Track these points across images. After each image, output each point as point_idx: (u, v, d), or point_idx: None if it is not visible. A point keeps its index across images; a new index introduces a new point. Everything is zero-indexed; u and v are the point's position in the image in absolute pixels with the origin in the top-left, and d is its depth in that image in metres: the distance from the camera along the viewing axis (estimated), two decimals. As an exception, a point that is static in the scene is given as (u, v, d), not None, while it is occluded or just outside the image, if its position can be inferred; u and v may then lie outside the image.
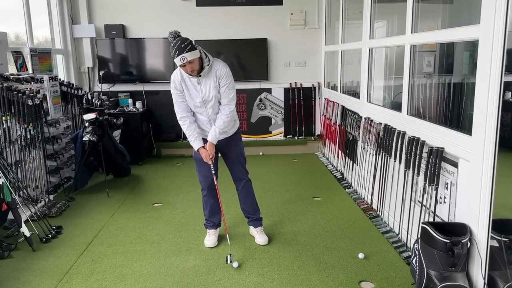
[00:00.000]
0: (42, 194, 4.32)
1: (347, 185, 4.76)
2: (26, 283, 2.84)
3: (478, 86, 2.30)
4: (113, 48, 6.14)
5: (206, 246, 3.32)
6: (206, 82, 2.99)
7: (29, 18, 4.96)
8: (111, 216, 4.00)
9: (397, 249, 3.19)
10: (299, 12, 6.22)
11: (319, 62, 6.41)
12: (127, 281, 2.85)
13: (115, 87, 6.23)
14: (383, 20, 5.09)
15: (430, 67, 4.61)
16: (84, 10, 6.04)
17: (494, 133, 2.18)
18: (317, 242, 3.37)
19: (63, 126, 5.00)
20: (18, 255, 3.23)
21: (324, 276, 2.85)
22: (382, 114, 3.89)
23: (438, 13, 4.74)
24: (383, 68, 4.91)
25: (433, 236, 2.37)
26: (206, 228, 3.45)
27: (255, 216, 3.45)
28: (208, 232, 3.41)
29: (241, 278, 2.86)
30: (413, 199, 3.13)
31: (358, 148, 4.50)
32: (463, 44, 4.17)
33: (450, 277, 2.32)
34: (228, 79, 3.02)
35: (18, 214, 3.34)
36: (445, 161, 2.71)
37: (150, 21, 6.13)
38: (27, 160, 4.13)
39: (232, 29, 6.15)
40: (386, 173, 3.66)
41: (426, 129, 3.00)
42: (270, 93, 6.48)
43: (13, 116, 3.96)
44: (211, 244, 3.32)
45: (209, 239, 3.36)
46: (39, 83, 4.61)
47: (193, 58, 2.81)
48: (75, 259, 3.16)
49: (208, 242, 3.34)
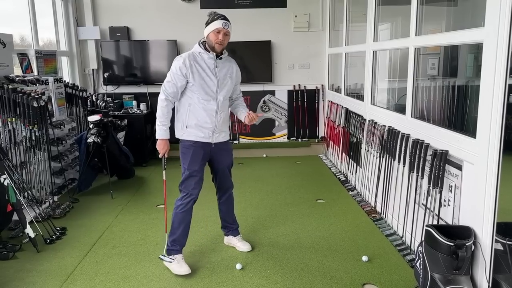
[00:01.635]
0: (47, 195, 4.34)
1: (350, 187, 4.76)
2: (30, 284, 2.85)
3: (482, 88, 2.30)
4: (117, 50, 6.17)
5: (182, 274, 2.89)
6: (223, 68, 2.95)
7: (34, 20, 5.00)
8: (115, 218, 4.01)
9: (401, 252, 3.18)
10: (303, 14, 6.22)
11: (322, 64, 6.41)
12: (131, 282, 2.86)
13: (120, 89, 6.26)
14: (387, 23, 5.09)
15: (434, 70, 4.60)
16: (89, 13, 6.08)
17: (499, 136, 2.18)
18: (320, 244, 3.37)
19: (67, 128, 5.02)
20: (23, 256, 3.25)
21: (327, 279, 2.84)
22: (386, 116, 3.89)
23: (442, 16, 4.73)
24: (387, 71, 4.90)
25: (437, 239, 2.36)
26: (173, 254, 2.97)
27: (234, 226, 3.34)
28: (177, 258, 2.96)
29: (244, 280, 2.86)
30: (417, 202, 3.12)
31: (362, 150, 4.50)
32: (467, 46, 4.16)
33: (454, 280, 2.31)
34: (240, 76, 3.16)
35: (23, 215, 3.36)
36: (449, 163, 2.71)
37: (155, 24, 6.16)
38: (32, 162, 4.15)
39: (236, 31, 6.02)
40: (390, 176, 3.65)
41: (430, 131, 2.99)
42: (273, 95, 6.48)
43: (18, 117, 3.98)
44: (188, 271, 2.90)
45: (183, 266, 2.92)
46: (44, 85, 4.64)
47: (230, 32, 2.94)
48: (79, 260, 3.17)
49: (184, 268, 2.90)
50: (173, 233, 2.98)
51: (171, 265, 2.95)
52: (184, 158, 2.96)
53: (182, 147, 2.97)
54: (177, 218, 2.97)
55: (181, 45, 6.12)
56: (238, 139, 6.54)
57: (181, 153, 2.98)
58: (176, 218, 2.98)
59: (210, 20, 2.89)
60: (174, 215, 2.99)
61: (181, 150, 2.97)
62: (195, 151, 2.94)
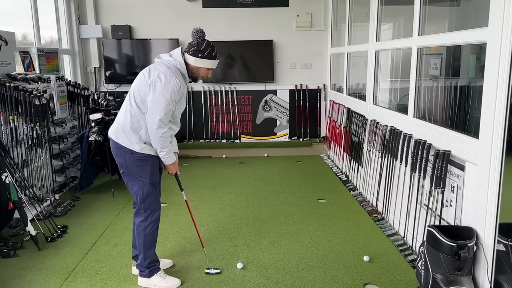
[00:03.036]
0: (48, 194, 4.34)
1: (352, 187, 4.75)
2: (31, 281, 2.85)
3: (485, 89, 2.29)
4: (119, 49, 6.18)
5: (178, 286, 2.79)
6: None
7: (36, 18, 5.00)
8: (116, 216, 4.01)
9: (402, 252, 3.17)
10: (305, 14, 6.22)
11: (324, 64, 6.40)
12: (131, 281, 2.86)
13: (121, 87, 6.25)
14: (390, 23, 5.09)
15: (436, 70, 4.60)
16: (91, 11, 6.08)
17: (502, 137, 2.17)
18: (322, 244, 3.36)
19: (69, 126, 5.03)
20: (24, 254, 3.25)
21: (328, 279, 2.84)
22: (388, 116, 3.88)
23: (445, 16, 4.72)
24: (389, 71, 4.90)
25: (439, 239, 2.36)
26: (155, 272, 2.78)
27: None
28: (161, 274, 2.80)
29: (246, 279, 2.85)
30: (419, 202, 3.12)
31: (364, 150, 4.49)
32: (470, 47, 4.16)
33: (456, 281, 2.31)
34: None
35: (24, 213, 3.36)
36: (452, 164, 2.70)
37: (157, 22, 6.16)
38: (34, 160, 4.15)
39: (238, 30, 6.16)
40: (391, 176, 3.64)
41: (432, 132, 2.99)
42: (275, 95, 6.48)
43: (20, 115, 3.98)
44: (179, 282, 2.81)
45: (171, 279, 2.81)
46: (46, 83, 4.64)
47: None
48: (80, 259, 3.17)
49: (174, 283, 2.79)
50: (148, 256, 2.74)
51: (158, 284, 2.76)
52: (142, 170, 2.63)
53: (136, 160, 2.62)
54: (149, 238, 2.73)
55: (183, 44, 6.11)
56: (240, 138, 6.54)
57: (136, 167, 2.63)
58: (147, 238, 2.72)
59: (207, 54, 2.62)
60: (144, 236, 2.70)
61: (136, 164, 2.62)
62: (154, 162, 2.68)
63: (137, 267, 2.82)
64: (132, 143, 2.60)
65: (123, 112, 2.67)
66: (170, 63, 2.60)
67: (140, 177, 2.65)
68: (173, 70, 2.58)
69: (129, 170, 2.66)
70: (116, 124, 2.68)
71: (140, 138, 2.61)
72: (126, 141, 2.61)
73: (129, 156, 2.62)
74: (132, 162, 2.63)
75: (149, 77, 2.55)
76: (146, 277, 2.78)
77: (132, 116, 2.60)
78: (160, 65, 2.59)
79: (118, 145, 2.63)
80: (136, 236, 2.76)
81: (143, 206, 2.69)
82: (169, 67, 2.58)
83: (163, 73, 2.52)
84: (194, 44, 2.63)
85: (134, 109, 2.60)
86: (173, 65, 2.60)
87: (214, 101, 6.43)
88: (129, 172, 2.66)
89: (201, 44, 2.62)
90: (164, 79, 2.50)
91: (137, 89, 2.61)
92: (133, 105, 2.61)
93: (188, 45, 2.65)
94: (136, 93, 2.61)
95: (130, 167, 2.64)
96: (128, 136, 2.60)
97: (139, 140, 2.61)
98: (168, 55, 2.66)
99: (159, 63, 2.62)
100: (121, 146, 2.62)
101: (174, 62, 2.61)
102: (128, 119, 2.61)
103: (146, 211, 2.70)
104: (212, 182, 4.95)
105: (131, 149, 2.61)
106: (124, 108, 2.67)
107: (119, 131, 2.64)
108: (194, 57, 2.62)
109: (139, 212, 2.72)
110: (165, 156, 2.65)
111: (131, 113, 2.61)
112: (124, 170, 2.68)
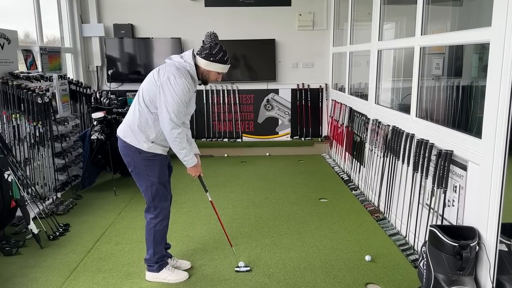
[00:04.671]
0: (50, 192, 4.35)
1: (353, 187, 4.75)
2: (33, 279, 2.86)
3: (488, 88, 2.29)
4: (121, 48, 6.18)
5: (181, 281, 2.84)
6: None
7: (39, 17, 5.01)
8: (118, 215, 4.02)
9: (404, 252, 3.17)
10: (307, 13, 6.21)
11: (327, 63, 6.40)
12: (133, 279, 2.86)
13: (124, 86, 6.26)
14: (392, 22, 5.08)
15: (438, 70, 4.59)
16: (94, 10, 6.09)
17: (505, 137, 2.17)
18: (323, 243, 3.36)
19: (71, 125, 5.04)
20: (26, 252, 3.26)
21: (330, 278, 2.84)
22: (390, 116, 3.87)
23: (447, 16, 4.71)
24: (391, 70, 4.89)
25: (441, 239, 2.35)
26: (164, 266, 2.84)
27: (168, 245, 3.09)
28: (170, 268, 2.87)
29: (247, 278, 2.86)
30: (421, 202, 3.11)
31: (366, 150, 4.49)
32: (472, 46, 4.15)
33: (458, 281, 2.30)
34: None
35: (27, 211, 3.37)
36: (454, 164, 2.70)
37: (159, 21, 6.16)
38: (36, 158, 4.16)
39: (240, 29, 6.15)
40: (393, 176, 3.64)
41: (435, 131, 2.98)
42: (277, 94, 6.48)
43: (23, 114, 3.99)
44: (186, 275, 2.88)
45: (179, 273, 2.88)
46: (48, 82, 4.65)
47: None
48: (82, 257, 3.18)
49: (181, 275, 2.87)
50: (157, 251, 2.80)
51: (167, 278, 2.82)
52: (150, 169, 2.66)
53: (144, 159, 2.64)
54: (159, 234, 2.78)
55: (185, 42, 6.12)
56: (241, 137, 6.54)
57: (144, 166, 2.65)
58: (157, 235, 2.77)
59: (219, 58, 2.62)
60: (155, 232, 2.76)
61: (144, 163, 2.65)
62: (162, 161, 2.71)
63: (145, 262, 2.87)
64: (139, 142, 2.62)
65: (131, 111, 2.70)
66: (180, 65, 2.62)
67: (148, 176, 2.67)
68: (183, 71, 2.58)
69: (138, 169, 2.68)
70: (125, 123, 2.71)
71: (148, 137, 2.62)
72: (133, 140, 2.63)
73: (137, 155, 2.64)
74: (140, 161, 2.65)
75: (159, 78, 2.56)
76: (155, 272, 2.83)
77: (141, 115, 2.62)
78: (170, 66, 2.61)
79: (126, 144, 2.65)
80: (147, 232, 2.80)
81: (153, 204, 2.73)
82: (178, 68, 2.59)
83: (172, 74, 2.53)
84: (206, 47, 2.62)
85: (143, 109, 2.63)
86: (183, 67, 2.62)
87: (216, 100, 6.43)
88: (138, 171, 2.69)
89: (214, 48, 2.62)
90: (174, 81, 2.51)
91: (146, 89, 2.63)
92: (141, 105, 2.64)
93: (201, 48, 2.65)
94: (145, 93, 2.63)
95: (138, 166, 2.67)
96: (136, 134, 2.63)
97: (146, 139, 2.62)
98: (179, 56, 2.68)
99: (169, 64, 2.64)
100: (128, 145, 2.64)
101: (184, 63, 2.63)
102: (137, 118, 2.63)
103: (156, 209, 2.74)
104: (214, 181, 4.94)
105: (139, 148, 2.62)
106: (133, 107, 2.70)
107: (127, 129, 2.66)
108: (205, 60, 2.62)
109: (149, 210, 2.77)
110: (185, 158, 2.65)
111: (140, 112, 2.63)
112: (132, 168, 2.71)
